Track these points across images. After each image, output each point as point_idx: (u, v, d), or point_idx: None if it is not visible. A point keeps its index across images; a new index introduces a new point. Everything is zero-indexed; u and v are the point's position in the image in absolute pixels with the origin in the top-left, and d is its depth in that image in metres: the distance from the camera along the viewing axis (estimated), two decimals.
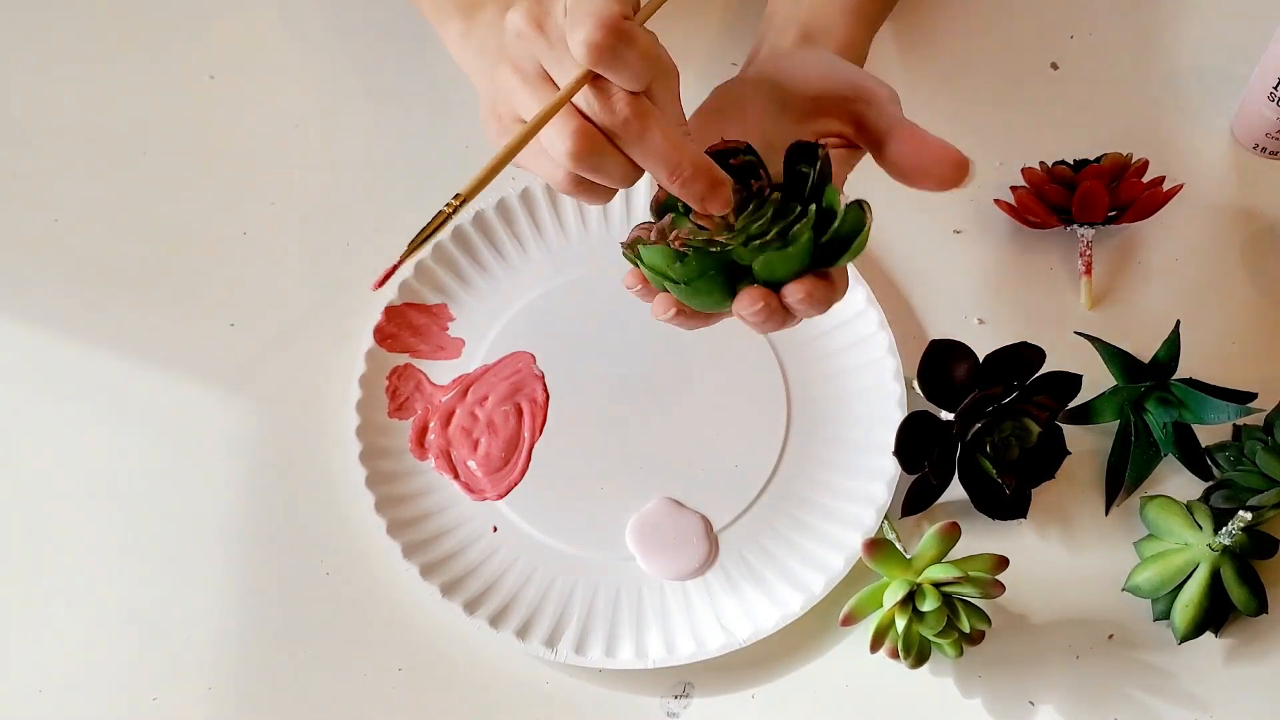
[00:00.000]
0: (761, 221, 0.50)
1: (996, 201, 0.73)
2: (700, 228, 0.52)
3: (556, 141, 0.49)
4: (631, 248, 0.52)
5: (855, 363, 0.70)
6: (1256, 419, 0.68)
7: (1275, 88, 0.72)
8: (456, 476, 0.68)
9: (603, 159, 0.49)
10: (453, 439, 0.69)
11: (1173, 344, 0.68)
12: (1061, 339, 0.71)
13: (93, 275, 0.73)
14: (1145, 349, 0.69)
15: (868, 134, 0.55)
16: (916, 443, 0.65)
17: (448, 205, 0.49)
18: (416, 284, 0.71)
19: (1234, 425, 0.69)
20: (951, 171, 0.53)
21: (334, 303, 0.72)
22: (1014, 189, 0.72)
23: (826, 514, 0.67)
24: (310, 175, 0.76)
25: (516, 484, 0.68)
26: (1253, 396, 0.67)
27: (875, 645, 0.62)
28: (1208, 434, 0.69)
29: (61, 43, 0.78)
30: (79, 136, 0.76)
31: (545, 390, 0.70)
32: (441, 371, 0.70)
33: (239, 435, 0.69)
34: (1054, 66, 0.78)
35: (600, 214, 0.73)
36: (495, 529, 0.67)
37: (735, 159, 0.52)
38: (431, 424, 0.69)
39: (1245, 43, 0.77)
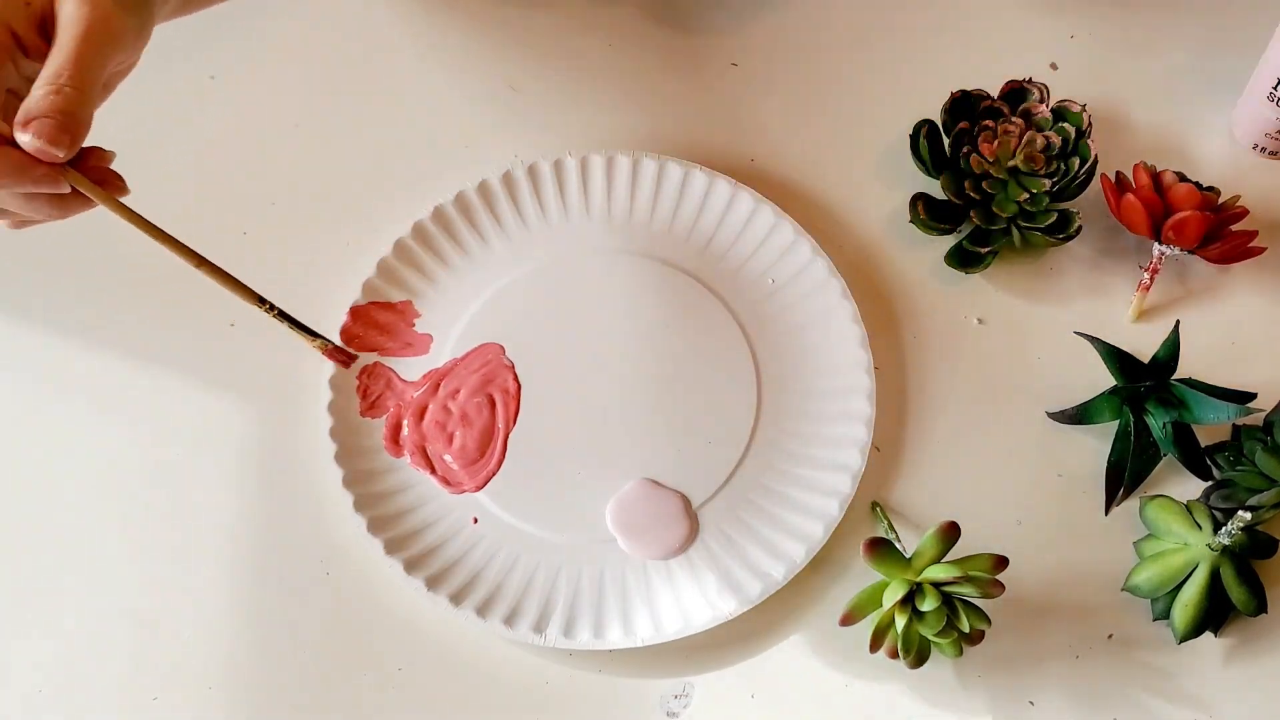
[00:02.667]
0: None
1: (1103, 177, 0.72)
2: None
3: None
4: None
5: (820, 335, 0.71)
6: (1256, 419, 0.68)
7: (1275, 88, 0.72)
8: (433, 471, 0.68)
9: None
10: (427, 434, 0.69)
11: (1172, 344, 0.68)
12: (1061, 338, 0.71)
13: (93, 275, 0.73)
14: (1145, 349, 0.69)
15: None
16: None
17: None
18: (380, 282, 0.71)
19: (1233, 425, 0.69)
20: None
21: (334, 302, 0.72)
22: (1110, 180, 0.71)
23: (802, 483, 0.68)
24: (310, 175, 0.76)
25: (494, 474, 0.68)
26: (1252, 396, 0.67)
27: (875, 645, 0.62)
28: (1207, 434, 0.69)
29: None
30: None
31: (516, 379, 0.70)
32: (411, 368, 0.70)
33: (239, 434, 0.69)
34: (1053, 67, 0.78)
35: (559, 202, 0.73)
36: (476, 520, 0.67)
37: None
38: (405, 420, 0.69)
39: (1245, 43, 0.77)
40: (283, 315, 0.64)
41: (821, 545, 0.65)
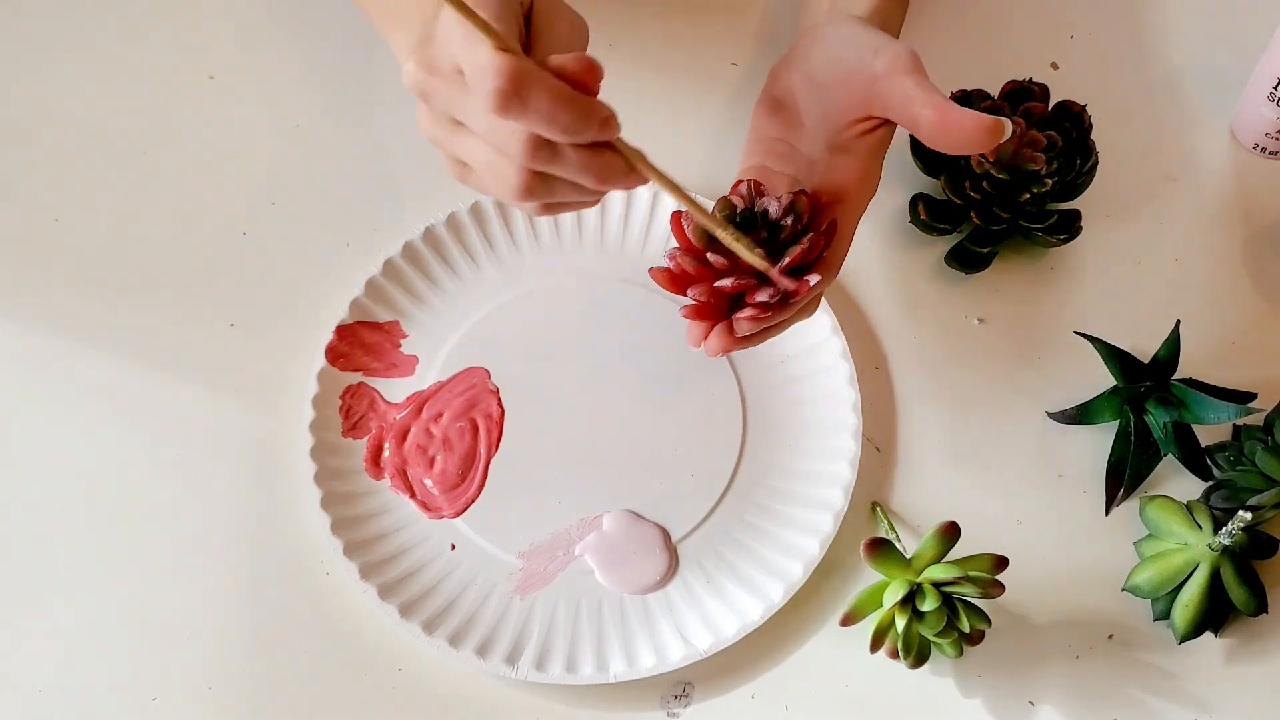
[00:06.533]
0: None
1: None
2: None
3: (507, 194, 0.52)
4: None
5: (809, 368, 0.70)
6: (1256, 419, 0.68)
7: (1275, 88, 0.72)
8: (413, 495, 0.68)
9: (550, 187, 0.52)
10: (408, 457, 0.68)
11: (1173, 344, 0.68)
12: (1061, 338, 0.71)
13: (93, 275, 0.73)
14: (1145, 349, 0.69)
15: (893, 116, 0.58)
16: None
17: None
18: (368, 301, 0.70)
19: (1234, 425, 0.69)
20: (986, 139, 0.56)
21: (334, 302, 0.72)
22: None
23: (784, 520, 0.67)
24: (310, 175, 0.76)
25: (474, 500, 0.68)
26: (1253, 396, 0.67)
27: (875, 645, 0.62)
28: (1208, 434, 0.69)
29: (61, 42, 0.79)
30: (79, 136, 0.76)
31: (500, 405, 0.69)
32: (395, 389, 0.70)
33: (239, 434, 0.69)
34: (1054, 66, 0.78)
35: (552, 227, 0.73)
36: (454, 547, 0.67)
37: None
38: (386, 443, 0.69)
39: (1245, 43, 0.77)
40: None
41: (800, 585, 0.65)
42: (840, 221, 0.59)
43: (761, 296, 0.56)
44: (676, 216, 0.58)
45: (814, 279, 0.55)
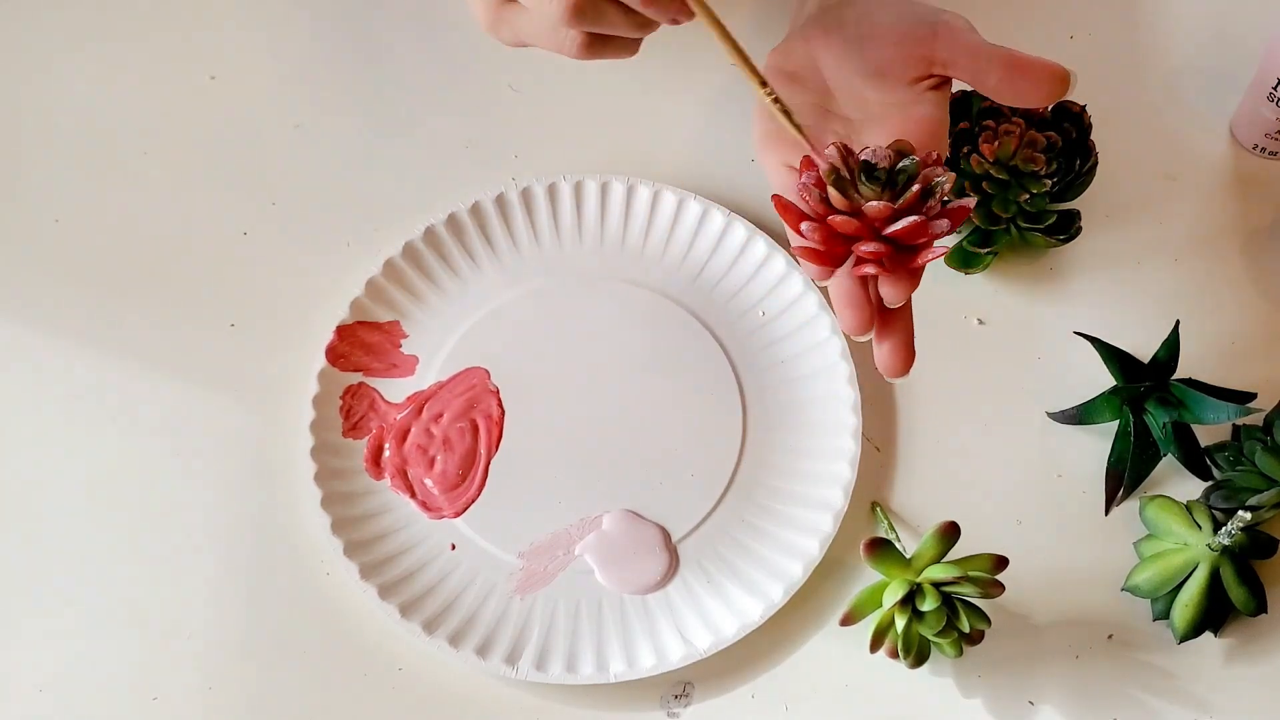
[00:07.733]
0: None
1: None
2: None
3: (548, 5, 0.51)
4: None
5: (809, 369, 0.70)
6: (1256, 419, 0.68)
7: (1275, 88, 0.72)
8: (413, 495, 0.68)
9: (599, 9, 0.51)
10: (409, 457, 0.68)
11: (1172, 344, 0.68)
12: (1061, 338, 0.71)
13: (93, 275, 0.73)
14: (1145, 349, 0.69)
15: (959, 71, 0.58)
16: None
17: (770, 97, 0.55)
18: (368, 301, 0.70)
19: (1233, 425, 0.69)
20: (1055, 87, 0.56)
21: (334, 302, 0.71)
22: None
23: (784, 520, 0.67)
24: (310, 175, 0.76)
25: (474, 501, 0.68)
26: (1252, 396, 0.67)
27: (875, 645, 0.62)
28: (1207, 434, 0.69)
29: (62, 42, 0.78)
30: (79, 136, 0.76)
31: (500, 406, 0.69)
32: (395, 390, 0.70)
33: (239, 434, 0.69)
34: None
35: (552, 227, 0.73)
36: (454, 547, 0.67)
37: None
38: (387, 443, 0.69)
39: (1245, 43, 0.77)
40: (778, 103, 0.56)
41: (800, 585, 0.65)
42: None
43: (941, 227, 0.54)
44: (807, 161, 0.56)
45: (971, 201, 0.54)
